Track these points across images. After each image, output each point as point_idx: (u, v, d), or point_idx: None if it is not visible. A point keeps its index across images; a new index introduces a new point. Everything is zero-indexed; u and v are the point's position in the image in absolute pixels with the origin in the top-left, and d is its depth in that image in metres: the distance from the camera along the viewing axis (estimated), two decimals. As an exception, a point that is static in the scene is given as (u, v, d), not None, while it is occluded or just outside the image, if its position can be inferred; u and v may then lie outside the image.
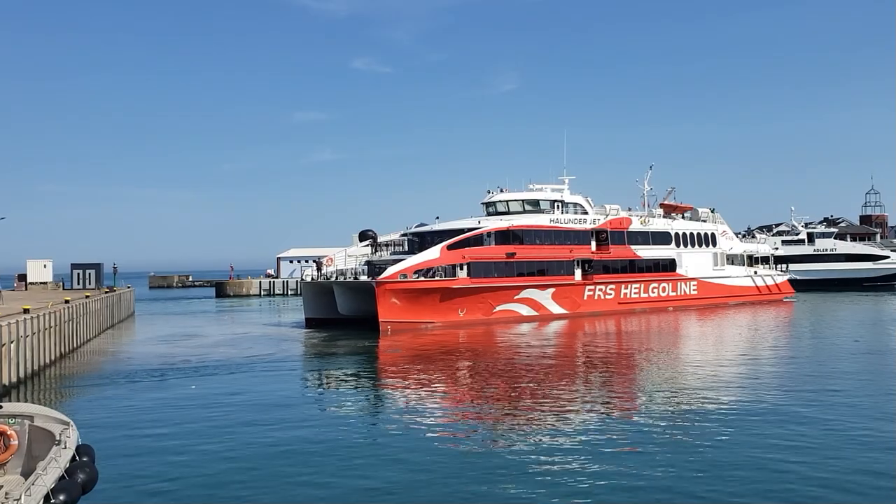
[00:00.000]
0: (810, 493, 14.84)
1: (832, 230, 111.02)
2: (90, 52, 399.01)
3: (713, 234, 74.13)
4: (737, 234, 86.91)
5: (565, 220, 62.03)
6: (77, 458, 13.29)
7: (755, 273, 76.91)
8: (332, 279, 55.84)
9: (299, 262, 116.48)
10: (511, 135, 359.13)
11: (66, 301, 41.69)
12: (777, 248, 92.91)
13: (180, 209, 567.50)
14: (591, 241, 63.52)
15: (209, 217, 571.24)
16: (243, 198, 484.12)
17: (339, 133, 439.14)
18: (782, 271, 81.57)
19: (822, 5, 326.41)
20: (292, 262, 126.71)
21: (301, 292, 60.55)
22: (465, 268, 53.85)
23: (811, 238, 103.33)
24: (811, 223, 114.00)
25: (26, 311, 32.10)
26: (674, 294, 68.84)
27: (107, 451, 17.53)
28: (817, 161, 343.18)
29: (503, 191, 64.27)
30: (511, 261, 56.77)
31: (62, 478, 12.06)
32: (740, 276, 75.19)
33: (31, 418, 14.24)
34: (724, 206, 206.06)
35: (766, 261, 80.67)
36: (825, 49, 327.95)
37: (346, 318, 54.73)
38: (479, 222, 58.51)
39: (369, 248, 60.59)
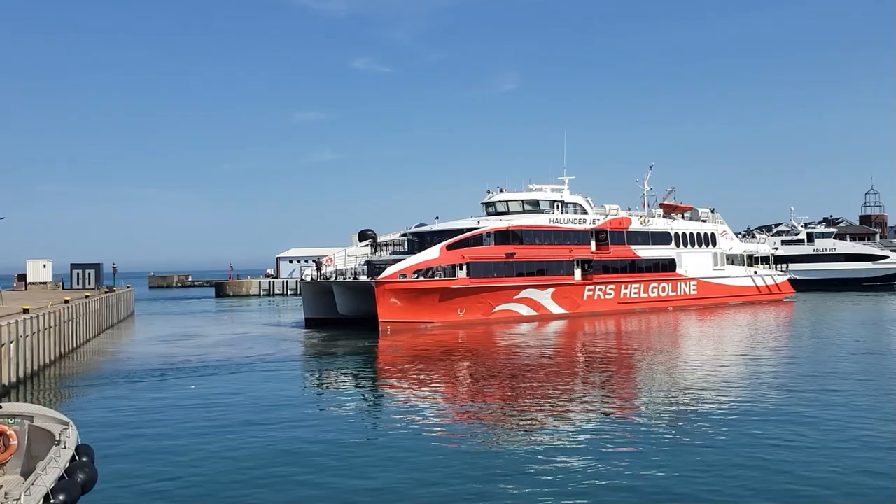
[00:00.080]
0: (810, 493, 14.83)
1: (832, 230, 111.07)
2: (90, 52, 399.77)
3: (713, 234, 74.12)
4: (737, 234, 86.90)
5: (565, 220, 62.02)
6: (77, 458, 13.30)
7: (755, 273, 76.89)
8: (331, 279, 55.83)
9: (299, 262, 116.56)
10: (511, 135, 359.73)
11: (66, 301, 41.69)
12: (777, 248, 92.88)
13: (180, 209, 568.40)
14: (591, 241, 63.51)
15: (209, 217, 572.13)
16: (243, 198, 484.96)
17: (339, 133, 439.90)
18: (782, 271, 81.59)
19: (822, 5, 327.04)
20: (292, 262, 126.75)
21: (301, 292, 60.55)
22: (464, 268, 53.84)
23: (811, 238, 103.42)
24: (811, 223, 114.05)
25: (26, 311, 32.10)
26: (674, 294, 68.82)
27: (106, 451, 17.54)
28: (817, 161, 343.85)
29: (503, 191, 64.27)
30: (511, 261, 56.76)
31: (62, 478, 12.07)
32: (740, 276, 75.17)
33: (30, 418, 14.24)
34: (724, 206, 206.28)
35: (765, 261, 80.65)
36: (825, 49, 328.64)
37: (345, 318, 54.73)
38: (478, 222, 58.51)
39: (369, 248, 60.57)
